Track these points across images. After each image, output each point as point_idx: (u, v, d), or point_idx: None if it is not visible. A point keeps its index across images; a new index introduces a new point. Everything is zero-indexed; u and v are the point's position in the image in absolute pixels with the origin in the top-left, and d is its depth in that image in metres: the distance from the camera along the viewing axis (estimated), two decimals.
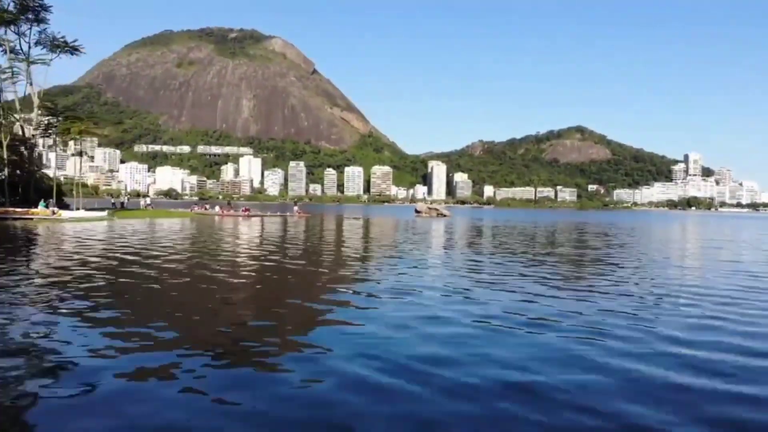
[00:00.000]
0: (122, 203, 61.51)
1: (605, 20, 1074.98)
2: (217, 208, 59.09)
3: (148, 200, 65.65)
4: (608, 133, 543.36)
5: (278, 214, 59.29)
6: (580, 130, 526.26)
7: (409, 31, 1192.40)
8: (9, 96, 49.00)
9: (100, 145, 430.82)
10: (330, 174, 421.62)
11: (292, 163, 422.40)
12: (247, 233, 29.97)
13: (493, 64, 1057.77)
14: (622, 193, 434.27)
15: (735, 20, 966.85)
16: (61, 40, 48.43)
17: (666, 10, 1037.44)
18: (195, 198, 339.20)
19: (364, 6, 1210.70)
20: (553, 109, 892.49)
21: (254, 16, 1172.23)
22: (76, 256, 16.61)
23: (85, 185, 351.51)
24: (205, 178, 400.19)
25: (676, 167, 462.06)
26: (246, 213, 55.18)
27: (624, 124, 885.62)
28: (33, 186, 45.98)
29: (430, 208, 70.45)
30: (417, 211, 70.79)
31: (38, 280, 11.79)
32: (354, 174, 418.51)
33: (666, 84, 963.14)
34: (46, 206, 40.31)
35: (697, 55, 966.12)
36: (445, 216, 66.89)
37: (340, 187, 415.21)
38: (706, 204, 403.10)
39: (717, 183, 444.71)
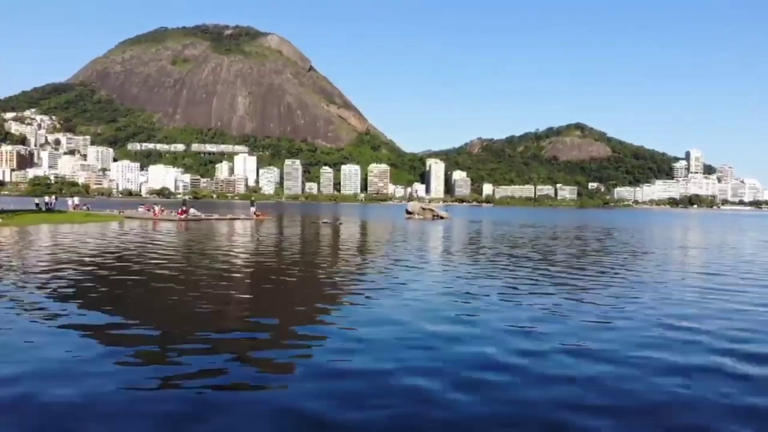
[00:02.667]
0: (47, 203, 51.42)
1: (605, 16, 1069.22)
2: (156, 209, 48.46)
3: (76, 200, 56.33)
4: (608, 130, 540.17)
5: (228, 217, 48.34)
6: (579, 127, 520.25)
7: (407, 28, 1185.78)
8: None
9: (93, 143, 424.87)
10: (326, 172, 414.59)
11: (287, 162, 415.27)
12: (157, 247, 21.47)
13: (491, 61, 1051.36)
14: (623, 191, 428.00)
15: (736, 16, 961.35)
16: None
17: (666, 6, 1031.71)
18: (188, 197, 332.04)
19: (361, 2, 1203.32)
20: (553, 106, 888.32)
21: (250, 12, 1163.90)
22: None
23: (75, 184, 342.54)
24: (199, 177, 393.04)
25: (677, 165, 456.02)
26: (183, 215, 43.76)
27: (624, 121, 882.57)
28: None
29: (424, 209, 60.20)
30: (408, 213, 60.10)
31: None
32: (351, 172, 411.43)
33: (666, 80, 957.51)
34: None
35: (697, 52, 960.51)
36: (442, 218, 57.46)
37: (337, 185, 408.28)
38: (708, 202, 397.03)
39: (719, 180, 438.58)
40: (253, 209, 50.71)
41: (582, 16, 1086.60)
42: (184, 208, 45.90)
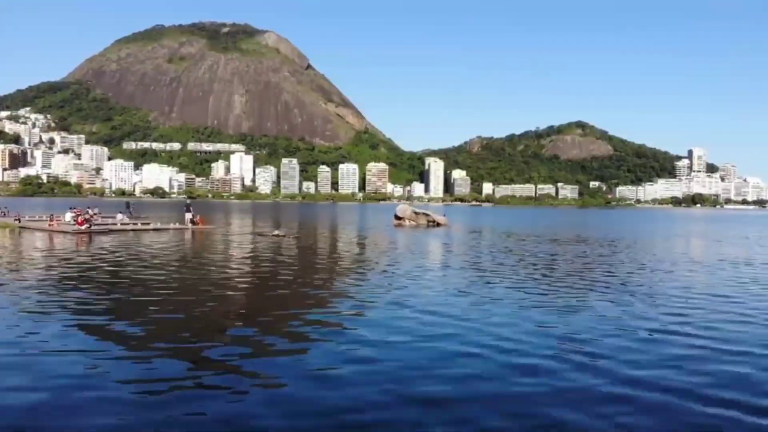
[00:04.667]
0: None
1: (606, 13, 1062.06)
2: (67, 216, 37.38)
3: None
4: (610, 128, 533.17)
5: (152, 227, 38.01)
6: (580, 125, 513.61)
7: (407, 26, 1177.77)
8: None
9: (87, 142, 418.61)
10: (324, 171, 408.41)
11: (284, 160, 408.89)
12: None
13: (491, 59, 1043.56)
14: (624, 190, 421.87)
15: (739, 14, 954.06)
16: None
17: (667, 5, 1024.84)
18: (183, 197, 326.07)
19: (360, 0, 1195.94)
20: (553, 104, 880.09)
21: (247, 10, 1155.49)
22: None
23: (67, 183, 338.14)
24: (194, 176, 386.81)
25: (679, 163, 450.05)
26: (83, 225, 33.88)
27: (626, 120, 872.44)
28: None
29: (416, 213, 51.90)
30: (397, 218, 50.57)
31: None
32: (349, 171, 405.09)
33: (668, 78, 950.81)
34: None
35: (700, 49, 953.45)
36: (438, 225, 49.35)
37: (335, 184, 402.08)
38: (711, 201, 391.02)
39: (722, 179, 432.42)
40: (188, 215, 39.89)
41: (582, 15, 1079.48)
42: (86, 217, 36.51)
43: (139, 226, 38.56)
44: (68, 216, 37.27)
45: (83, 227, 33.77)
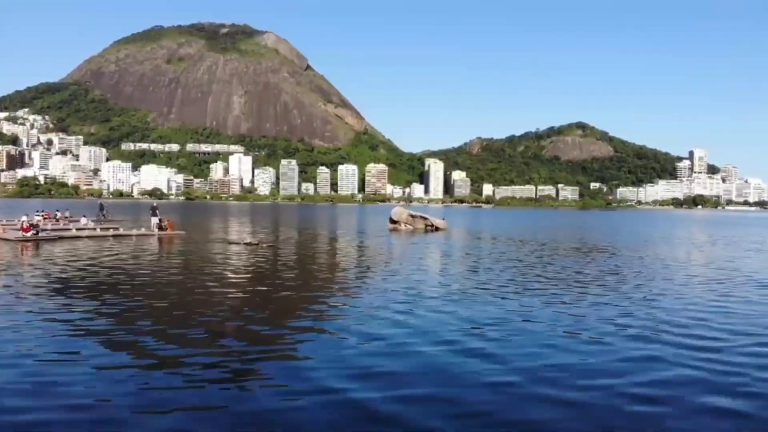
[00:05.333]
0: None
1: (606, 13, 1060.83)
2: (25, 219, 31.69)
3: None
4: (610, 129, 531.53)
5: (112, 233, 34.03)
6: (581, 126, 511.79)
7: (406, 27, 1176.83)
8: None
9: (86, 143, 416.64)
10: (323, 172, 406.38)
11: (283, 162, 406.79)
12: None
13: (491, 59, 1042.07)
14: (625, 192, 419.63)
15: (739, 14, 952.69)
16: None
17: (668, 5, 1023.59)
18: (181, 198, 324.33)
19: (360, 0, 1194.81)
20: (553, 104, 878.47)
21: (246, 10, 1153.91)
22: None
23: (65, 185, 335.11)
24: (192, 177, 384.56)
25: (680, 164, 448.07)
26: (28, 232, 29.62)
27: (626, 120, 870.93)
28: None
29: (413, 216, 47.98)
30: (393, 222, 47.59)
31: None
32: (348, 172, 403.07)
33: (668, 78, 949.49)
34: None
35: (700, 49, 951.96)
36: (437, 229, 46.18)
37: (334, 185, 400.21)
38: (713, 202, 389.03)
39: (723, 180, 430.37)
40: (155, 220, 36.48)
41: (582, 15, 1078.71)
42: (32, 222, 32.26)
43: (98, 231, 34.76)
44: (35, 217, 33.86)
45: (28, 234, 29.58)
